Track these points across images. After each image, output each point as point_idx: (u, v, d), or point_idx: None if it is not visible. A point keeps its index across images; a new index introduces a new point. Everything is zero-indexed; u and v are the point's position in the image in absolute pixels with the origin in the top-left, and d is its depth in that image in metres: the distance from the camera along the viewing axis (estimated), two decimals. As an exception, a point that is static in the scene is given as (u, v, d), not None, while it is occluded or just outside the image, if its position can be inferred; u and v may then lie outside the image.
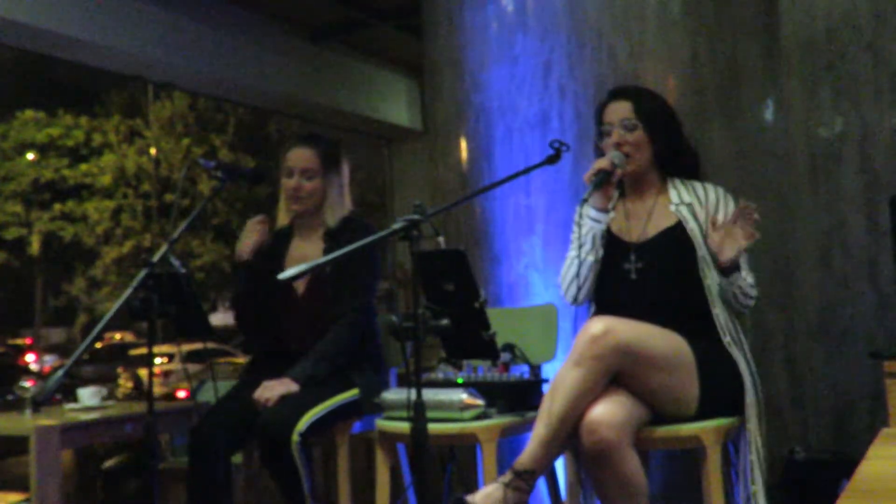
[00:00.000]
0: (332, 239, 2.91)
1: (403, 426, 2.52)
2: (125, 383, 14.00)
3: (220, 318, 19.42)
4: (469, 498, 2.14)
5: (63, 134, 19.03)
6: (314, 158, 2.91)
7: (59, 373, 2.13)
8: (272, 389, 2.67)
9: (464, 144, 3.70)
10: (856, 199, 3.28)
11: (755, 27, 3.51)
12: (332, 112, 8.11)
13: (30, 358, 18.01)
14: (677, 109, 3.45)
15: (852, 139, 3.32)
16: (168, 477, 3.47)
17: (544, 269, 3.48)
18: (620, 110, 2.57)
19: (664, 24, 3.39)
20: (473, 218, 3.60)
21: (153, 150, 17.95)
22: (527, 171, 2.51)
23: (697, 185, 2.60)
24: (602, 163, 2.50)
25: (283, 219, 3.02)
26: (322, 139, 3.00)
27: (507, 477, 2.17)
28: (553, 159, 2.48)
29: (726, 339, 2.42)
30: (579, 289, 2.58)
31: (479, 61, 3.61)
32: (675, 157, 2.60)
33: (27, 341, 20.98)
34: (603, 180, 2.47)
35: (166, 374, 12.59)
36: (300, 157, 2.91)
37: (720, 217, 2.47)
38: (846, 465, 3.02)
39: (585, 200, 2.46)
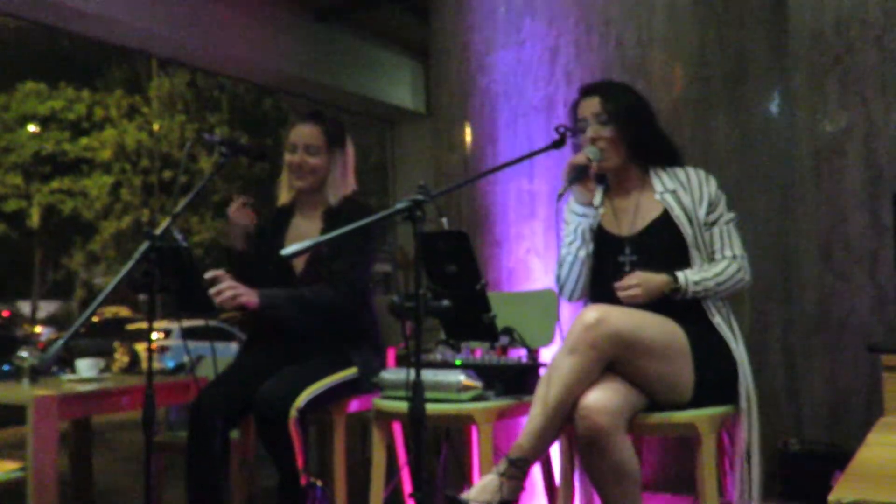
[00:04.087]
0: (331, 218, 2.92)
1: (401, 406, 2.54)
2: (121, 357, 14.04)
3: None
4: (464, 496, 2.16)
5: (65, 107, 18.98)
6: (319, 135, 2.91)
7: (59, 343, 2.14)
8: (236, 288, 2.67)
9: (468, 128, 3.71)
10: (858, 194, 3.29)
11: (763, 18, 3.51)
12: (335, 92, 8.09)
13: (37, 329, 17.99)
14: (683, 99, 3.49)
15: (857, 134, 3.32)
16: (165, 450, 3.49)
17: (545, 253, 3.49)
18: (591, 105, 2.59)
19: (673, 13, 3.39)
20: (475, 202, 3.61)
21: (156, 126, 17.94)
22: (531, 155, 2.52)
23: (679, 170, 2.61)
24: (577, 158, 2.52)
25: (284, 196, 3.03)
26: (327, 117, 3.01)
27: (502, 466, 2.19)
28: (558, 144, 2.49)
29: (715, 320, 2.44)
30: (574, 286, 2.61)
31: (486, 45, 3.61)
32: (650, 149, 2.61)
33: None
34: (579, 175, 2.49)
35: (163, 349, 12.63)
36: (305, 132, 2.92)
37: (703, 206, 2.51)
38: (840, 457, 3.04)
39: (561, 195, 2.47)
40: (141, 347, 13.72)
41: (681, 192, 2.56)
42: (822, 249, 3.35)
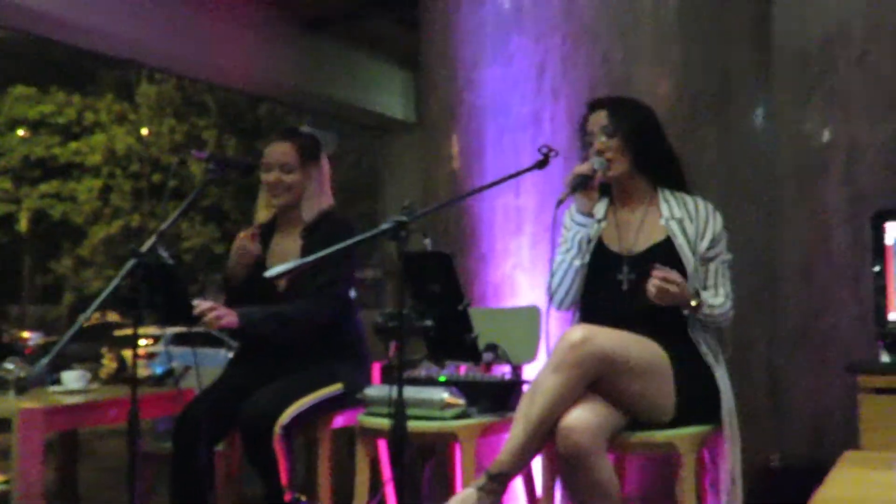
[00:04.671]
0: (310, 234, 2.93)
1: (384, 422, 2.55)
2: (109, 363, 13.97)
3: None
4: None
5: (55, 111, 18.95)
6: (292, 152, 2.93)
7: (43, 361, 2.16)
8: (218, 310, 2.68)
9: (456, 142, 3.73)
10: (840, 212, 3.33)
11: (748, 36, 3.55)
12: (326, 101, 8.12)
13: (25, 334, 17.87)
14: (669, 116, 3.50)
15: (839, 152, 3.36)
16: (151, 461, 3.49)
17: (531, 269, 3.52)
18: (599, 119, 2.61)
19: (659, 30, 3.42)
20: (462, 217, 3.63)
21: (145, 131, 17.90)
22: (515, 175, 2.56)
23: (688, 199, 2.61)
24: (581, 167, 2.54)
25: (261, 216, 3.05)
26: (300, 133, 3.03)
27: (482, 481, 2.21)
28: (541, 164, 2.52)
29: (701, 349, 2.46)
30: (566, 294, 2.61)
31: (474, 60, 3.64)
32: (656, 163, 2.62)
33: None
34: (581, 184, 2.51)
35: (150, 356, 12.60)
36: (278, 150, 2.94)
37: (705, 241, 2.52)
38: (822, 474, 3.07)
39: (561, 202, 2.47)
40: (129, 354, 13.64)
41: (687, 222, 2.56)
42: (806, 266, 3.39)
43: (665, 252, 2.52)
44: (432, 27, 3.89)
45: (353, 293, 3.03)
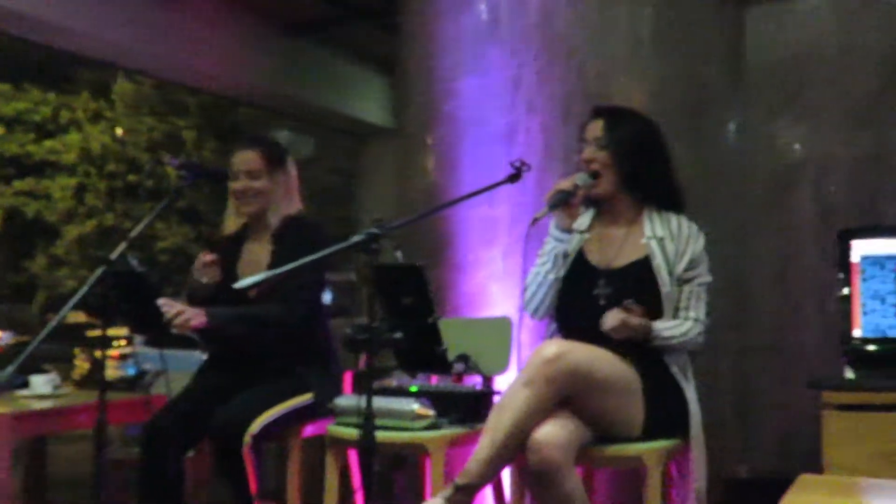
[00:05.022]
0: (280, 240, 2.94)
1: (354, 432, 2.56)
2: (82, 364, 13.86)
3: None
4: None
5: (30, 108, 18.76)
6: (258, 159, 2.93)
7: (10, 369, 2.14)
8: (187, 311, 2.68)
9: (432, 152, 3.75)
10: (809, 227, 3.37)
11: (722, 52, 3.59)
12: (304, 106, 8.10)
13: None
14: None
15: (810, 168, 3.41)
16: (121, 467, 3.47)
17: (504, 280, 3.53)
18: (595, 128, 2.59)
19: (634, 45, 3.45)
20: (437, 227, 3.65)
21: (119, 131, 17.73)
22: (488, 188, 2.57)
23: (673, 217, 2.59)
24: (563, 184, 2.53)
25: (231, 225, 3.05)
26: (265, 140, 3.04)
27: (449, 491, 2.22)
28: (513, 178, 2.54)
29: (672, 369, 2.48)
30: (539, 304, 2.62)
31: (451, 71, 3.65)
32: (646, 185, 2.59)
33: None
34: (561, 201, 2.50)
35: (123, 357, 12.49)
36: (244, 158, 2.94)
37: (683, 262, 2.52)
38: (787, 485, 3.10)
39: (537, 220, 2.45)
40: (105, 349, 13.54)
41: (668, 241, 2.55)
42: (775, 281, 3.42)
43: (642, 270, 2.52)
44: (411, 36, 3.90)
45: (327, 297, 3.03)
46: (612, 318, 2.40)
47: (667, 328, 2.46)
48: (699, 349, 2.54)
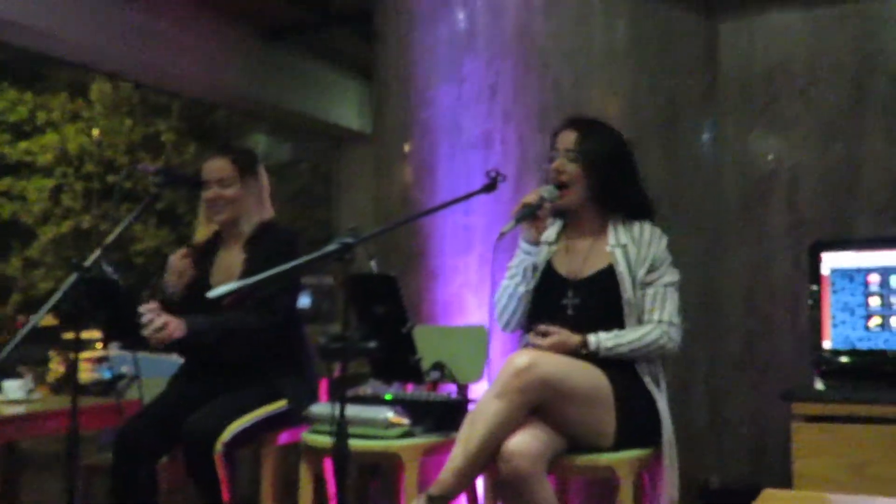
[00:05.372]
0: (252, 247, 2.93)
1: (328, 440, 2.55)
2: (57, 367, 13.74)
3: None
4: None
5: (6, 108, 18.58)
6: (229, 167, 2.93)
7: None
8: (165, 318, 2.66)
9: (408, 160, 3.75)
10: (781, 239, 3.40)
11: (696, 65, 3.63)
12: (282, 110, 8.07)
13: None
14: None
15: (781, 180, 3.44)
16: (94, 473, 3.44)
17: (479, 288, 3.54)
18: (567, 139, 2.61)
19: (609, 57, 3.47)
20: (412, 234, 3.65)
21: (96, 132, 17.58)
22: (464, 198, 2.58)
23: (636, 224, 2.61)
24: (529, 197, 2.55)
25: (202, 234, 3.04)
26: (236, 147, 3.05)
27: (421, 502, 2.22)
28: (489, 188, 2.55)
29: (645, 379, 2.50)
30: (510, 317, 2.64)
31: (427, 79, 3.66)
32: (615, 198, 2.61)
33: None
34: (527, 215, 2.52)
35: (100, 359, 12.39)
36: (215, 167, 2.94)
37: (645, 266, 2.54)
38: (759, 494, 3.13)
39: (503, 234, 2.45)
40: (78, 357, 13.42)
41: (630, 247, 2.57)
42: (747, 292, 3.45)
43: (606, 279, 2.55)
44: (388, 43, 3.90)
45: (305, 301, 3.02)
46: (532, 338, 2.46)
47: (609, 338, 2.46)
48: (671, 353, 2.53)
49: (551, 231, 2.70)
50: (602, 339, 2.46)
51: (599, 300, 2.53)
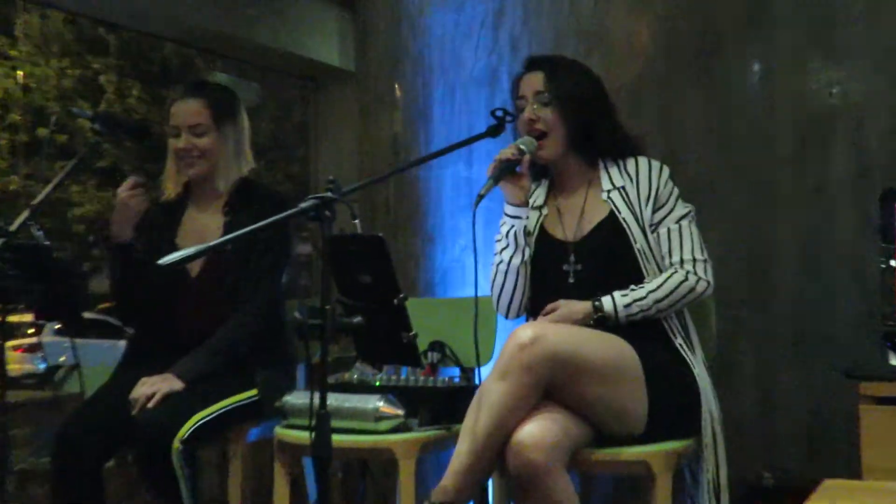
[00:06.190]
0: (235, 212, 2.91)
1: (306, 436, 2.55)
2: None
3: (105, 283, 19.17)
4: None
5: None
6: (204, 111, 2.89)
7: None
8: (153, 386, 2.67)
9: (398, 101, 3.73)
10: (845, 189, 3.38)
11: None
12: (245, 45, 8.00)
13: None
14: (646, 74, 3.54)
15: (844, 119, 3.40)
16: (29, 480, 3.47)
17: (485, 251, 3.52)
18: (534, 82, 2.62)
19: (637, -28, 3.44)
20: (405, 190, 3.64)
21: (20, 74, 17.48)
22: (465, 143, 2.57)
23: (630, 160, 2.65)
24: (505, 152, 2.54)
25: (171, 189, 3.00)
26: (211, 87, 3.00)
27: (423, 508, 2.22)
28: (495, 130, 2.54)
29: (677, 341, 2.50)
30: (511, 298, 2.65)
31: (420, 4, 3.63)
32: (598, 140, 2.64)
33: None
34: (505, 171, 2.51)
35: (33, 347, 12.41)
36: (187, 111, 2.90)
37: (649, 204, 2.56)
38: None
39: (481, 197, 2.44)
40: (7, 344, 13.48)
41: (629, 187, 2.60)
42: (804, 253, 3.44)
43: (609, 231, 2.57)
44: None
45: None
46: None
47: (624, 295, 2.48)
48: (706, 295, 2.55)
49: (538, 193, 2.72)
50: (617, 298, 2.47)
51: (608, 258, 2.55)
